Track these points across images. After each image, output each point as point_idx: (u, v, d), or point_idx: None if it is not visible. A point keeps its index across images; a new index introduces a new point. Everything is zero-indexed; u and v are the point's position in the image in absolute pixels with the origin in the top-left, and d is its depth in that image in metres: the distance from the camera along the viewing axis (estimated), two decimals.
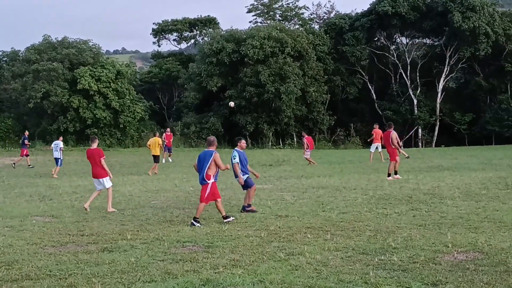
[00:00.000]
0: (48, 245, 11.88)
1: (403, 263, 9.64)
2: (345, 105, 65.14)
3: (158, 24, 74.54)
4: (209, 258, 10.35)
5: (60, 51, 57.80)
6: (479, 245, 10.80)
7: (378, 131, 35.31)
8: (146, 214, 15.88)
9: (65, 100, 55.26)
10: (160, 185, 23.28)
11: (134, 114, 58.42)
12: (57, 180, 26.58)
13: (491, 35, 58.34)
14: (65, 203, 18.60)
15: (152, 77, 72.13)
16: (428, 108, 62.64)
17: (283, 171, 29.40)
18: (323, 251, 10.69)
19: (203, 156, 14.55)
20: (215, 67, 57.04)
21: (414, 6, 60.36)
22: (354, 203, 16.74)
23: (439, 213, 14.62)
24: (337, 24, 64.22)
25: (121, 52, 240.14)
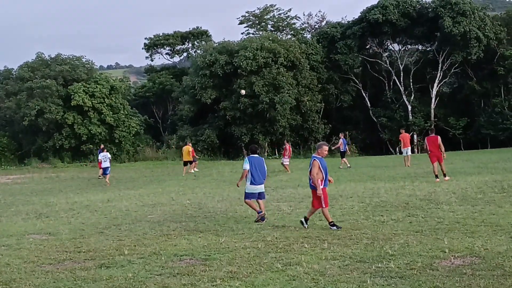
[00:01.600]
0: (45, 263, 11.84)
1: (401, 270, 9.64)
2: (340, 113, 65.25)
3: (150, 38, 74.69)
4: (206, 271, 10.34)
5: (54, 68, 57.94)
6: (476, 250, 10.81)
7: (406, 135, 36.68)
8: (143, 228, 15.84)
9: (59, 117, 55.30)
10: (157, 199, 23.24)
11: (129, 128, 58.48)
12: (53, 197, 26.52)
13: (483, 39, 58.57)
14: (61, 220, 18.55)
15: (146, 91, 72.22)
16: (423, 113, 62.76)
17: (279, 181, 29.37)
18: (320, 260, 10.69)
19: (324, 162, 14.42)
20: (209, 79, 57.11)
21: (405, 13, 60.62)
22: (351, 211, 16.74)
23: (435, 218, 14.63)
24: (329, 33, 64.45)
25: (115, 67, 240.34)
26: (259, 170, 16.41)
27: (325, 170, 14.23)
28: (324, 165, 14.26)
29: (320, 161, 14.21)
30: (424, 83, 64.14)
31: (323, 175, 14.13)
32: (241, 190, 25.08)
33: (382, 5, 60.91)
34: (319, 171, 14.09)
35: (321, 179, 14.12)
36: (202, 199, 22.28)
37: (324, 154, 14.43)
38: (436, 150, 24.33)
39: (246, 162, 16.39)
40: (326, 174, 14.23)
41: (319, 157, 14.37)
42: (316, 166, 14.11)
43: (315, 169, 14.09)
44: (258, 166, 16.45)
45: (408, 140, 36.20)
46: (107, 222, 17.47)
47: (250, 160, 16.42)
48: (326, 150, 14.50)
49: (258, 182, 16.42)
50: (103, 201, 23.32)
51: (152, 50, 75.26)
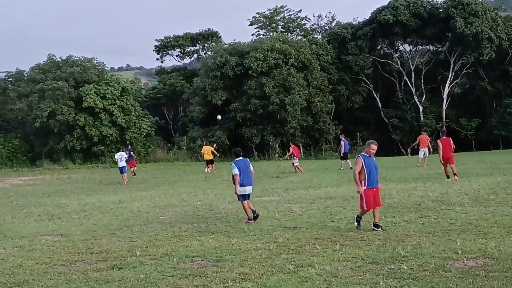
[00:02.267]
0: (58, 264, 11.88)
1: (413, 271, 9.61)
2: (351, 114, 65.10)
3: (160, 40, 74.80)
4: (218, 272, 10.34)
5: (65, 69, 58.11)
6: (489, 251, 10.76)
7: (424, 137, 37.43)
8: (154, 229, 15.87)
9: (71, 119, 55.45)
10: (168, 200, 23.28)
11: (140, 130, 58.58)
12: (65, 199, 26.60)
13: (495, 39, 58.31)
14: (73, 221, 18.61)
15: (157, 93, 72.30)
16: (434, 114, 62.52)
17: (290, 182, 29.36)
18: (332, 261, 10.67)
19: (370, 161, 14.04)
20: (219, 81, 57.10)
21: (415, 14, 60.42)
22: None
23: (448, 219, 14.58)
24: (340, 34, 64.34)
25: (126, 68, 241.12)
26: (246, 172, 16.61)
27: (369, 169, 13.77)
28: (369, 164, 13.83)
29: (364, 159, 13.83)
30: (435, 84, 63.90)
31: (365, 174, 13.74)
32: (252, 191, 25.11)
33: (393, 6, 60.74)
34: (362, 169, 13.75)
35: (363, 178, 13.76)
36: (213, 200, 22.30)
37: (371, 153, 13.98)
38: (449, 151, 24.72)
39: (234, 167, 16.50)
40: (371, 174, 13.78)
41: (366, 155, 13.97)
42: (359, 163, 13.80)
43: (357, 166, 13.81)
44: (245, 168, 16.65)
45: (426, 142, 36.68)
46: (119, 223, 17.52)
47: (237, 164, 16.58)
48: (374, 148, 14.00)
49: (247, 184, 16.68)
50: (115, 203, 23.38)
51: (162, 51, 75.34)
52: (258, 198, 22.22)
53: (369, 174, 13.72)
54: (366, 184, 13.74)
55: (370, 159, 13.91)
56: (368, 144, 14.15)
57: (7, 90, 59.09)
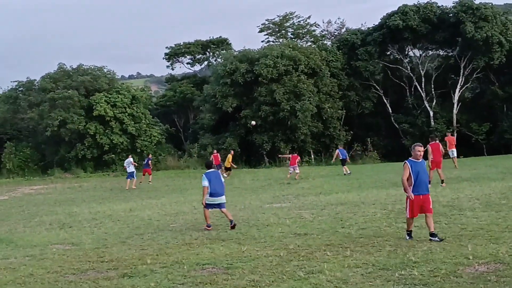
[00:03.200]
0: (69, 273, 11.92)
1: (424, 277, 9.58)
2: (361, 120, 65.01)
3: (170, 47, 75.03)
4: (229, 279, 10.34)
5: (75, 78, 58.33)
6: (500, 256, 10.71)
7: (451, 138, 38.79)
8: (165, 237, 15.89)
9: (81, 127, 55.65)
10: (179, 208, 23.30)
11: (151, 138, 58.69)
12: (76, 207, 26.68)
13: (505, 44, 58.15)
14: (84, 230, 18.66)
15: (167, 101, 72.45)
16: (445, 119, 62.33)
17: (301, 188, 29.33)
18: (343, 268, 10.65)
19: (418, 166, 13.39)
20: (230, 88, 57.19)
21: (425, 19, 60.33)
22: (373, 218, 16.66)
23: (459, 225, 14.52)
24: (349, 40, 64.30)
25: (136, 76, 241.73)
26: (216, 183, 17.12)
27: (416, 174, 13.09)
28: (416, 169, 13.15)
29: (411, 165, 13.19)
30: (445, 89, 63.73)
31: (412, 180, 13.10)
32: (263, 198, 25.11)
33: (402, 11, 60.67)
34: (409, 176, 13.14)
35: (410, 185, 13.13)
36: None
37: (418, 156, 13.30)
38: (438, 156, 25.36)
39: (204, 179, 17.08)
40: (418, 180, 13.09)
41: (413, 160, 13.32)
42: (406, 169, 13.20)
43: (405, 172, 13.19)
44: (215, 179, 17.19)
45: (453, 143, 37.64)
46: (130, 231, 17.55)
47: (208, 176, 17.15)
48: (419, 151, 13.36)
49: (217, 195, 17.12)
50: (126, 211, 23.43)
51: (173, 59, 75.58)
52: (269, 205, 22.23)
53: (415, 179, 13.09)
54: (412, 190, 13.12)
55: (418, 164, 13.25)
56: (413, 147, 13.53)
57: (18, 100, 59.34)
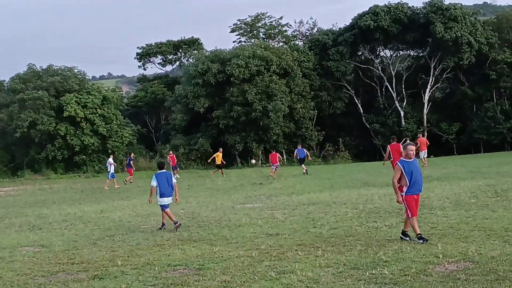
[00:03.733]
0: (38, 275, 11.78)
1: (394, 276, 9.62)
2: (333, 120, 65.32)
3: (142, 48, 74.68)
4: (200, 280, 10.30)
5: (45, 79, 57.85)
6: (470, 255, 10.80)
7: (423, 139, 39.64)
8: (136, 239, 15.79)
9: (52, 128, 55.19)
10: (150, 209, 23.15)
11: (122, 139, 58.38)
12: (46, 209, 26.42)
13: (474, 44, 58.82)
14: (55, 232, 18.47)
15: (138, 101, 72.12)
16: (415, 119, 62.92)
17: (273, 189, 29.34)
18: (314, 268, 10.66)
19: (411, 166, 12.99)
20: (201, 88, 57.11)
21: (396, 19, 60.82)
22: (345, 218, 16.71)
23: (429, 224, 14.62)
24: (321, 40, 64.56)
25: (107, 77, 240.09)
26: (166, 184, 17.57)
27: (410, 174, 12.70)
28: (409, 169, 12.75)
29: (404, 165, 12.82)
30: (416, 89, 64.34)
31: (406, 180, 12.73)
32: (235, 198, 25.10)
33: (374, 12, 61.11)
34: (402, 176, 12.78)
35: (405, 185, 12.76)
36: (195, 209, 22.24)
37: (410, 156, 12.92)
38: (398, 157, 25.32)
39: (154, 180, 17.60)
40: (413, 179, 12.71)
41: (405, 160, 12.97)
42: (397, 171, 12.85)
43: (396, 174, 12.85)
44: (165, 180, 17.63)
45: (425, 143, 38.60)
46: (100, 233, 17.42)
47: (157, 177, 17.67)
48: (412, 150, 12.97)
49: (167, 195, 17.55)
50: (96, 212, 23.25)
51: (144, 59, 75.25)
52: (241, 205, 22.20)
53: (410, 179, 12.71)
54: (407, 190, 12.75)
55: (411, 164, 12.87)
56: (405, 147, 13.25)
57: None
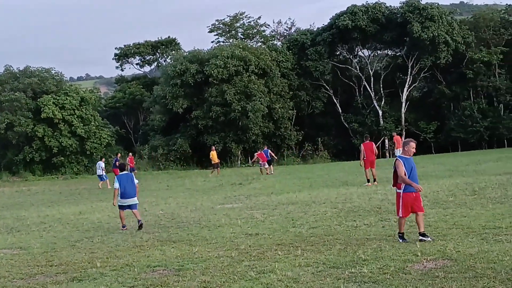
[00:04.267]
0: (17, 277, 11.69)
1: (374, 274, 9.67)
2: (312, 120, 65.44)
3: (120, 48, 74.39)
4: (180, 281, 10.28)
5: (22, 80, 57.41)
6: (448, 252, 10.87)
7: (398, 137, 41.47)
8: (115, 240, 15.73)
9: (29, 130, 54.78)
10: (129, 211, 23.06)
11: (100, 140, 58.09)
12: (24, 211, 26.24)
13: (451, 43, 59.23)
14: (33, 234, 18.34)
15: (117, 102, 71.84)
16: (394, 118, 63.27)
17: (252, 189, 29.36)
18: (294, 267, 10.68)
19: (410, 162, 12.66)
20: (180, 89, 56.98)
21: (374, 19, 61.09)
22: (324, 217, 16.76)
23: (407, 222, 14.66)
24: (299, 40, 64.68)
25: (85, 78, 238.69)
26: (127, 185, 18.01)
27: (409, 171, 12.48)
28: (409, 165, 12.53)
29: (404, 161, 12.56)
30: (394, 88, 64.73)
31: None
32: (214, 199, 25.10)
33: (351, 11, 61.34)
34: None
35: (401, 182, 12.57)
36: (175, 209, 22.18)
37: (411, 152, 12.64)
38: (371, 156, 26.47)
39: (116, 182, 18.18)
40: (411, 176, 12.46)
41: (404, 156, 12.69)
42: (400, 165, 12.50)
43: (401, 169, 12.46)
44: (127, 182, 18.08)
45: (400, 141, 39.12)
46: (79, 234, 17.33)
47: (119, 178, 18.19)
48: (413, 147, 12.72)
49: (127, 196, 18.00)
50: (75, 214, 23.11)
51: (122, 60, 75.00)
52: (220, 206, 22.19)
53: (408, 176, 12.46)
54: (403, 187, 12.56)
55: (410, 160, 12.62)
56: (407, 143, 12.90)
57: None
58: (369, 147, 26.85)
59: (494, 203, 17.01)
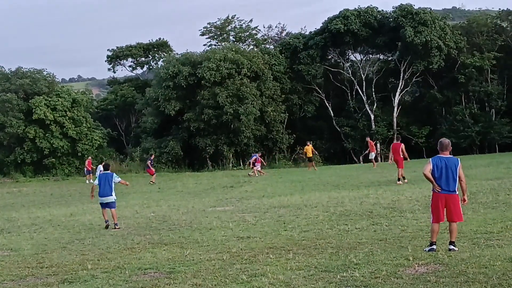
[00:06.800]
0: (7, 279, 11.65)
1: (365, 278, 9.68)
2: (304, 124, 65.41)
3: (112, 50, 74.19)
4: (171, 284, 10.27)
5: (14, 81, 57.20)
6: (440, 257, 10.90)
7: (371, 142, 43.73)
8: (106, 242, 15.70)
9: (20, 131, 54.56)
10: (120, 212, 22.98)
11: (92, 142, 57.91)
12: (15, 212, 26.15)
13: (443, 48, 59.31)
14: (24, 235, 18.29)
15: (108, 104, 71.60)
16: (386, 122, 63.31)
17: (244, 192, 29.36)
18: (285, 271, 10.68)
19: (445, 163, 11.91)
20: (172, 91, 56.89)
21: (366, 23, 61.14)
22: (316, 221, 16.78)
23: (399, 226, 14.73)
24: (292, 44, 64.65)
25: (77, 79, 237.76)
26: (105, 184, 18.93)
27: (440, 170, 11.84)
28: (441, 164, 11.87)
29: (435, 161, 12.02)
30: (386, 92, 64.78)
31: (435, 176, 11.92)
32: (206, 201, 25.10)
33: (344, 15, 61.37)
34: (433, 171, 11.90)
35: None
36: (166, 212, 22.16)
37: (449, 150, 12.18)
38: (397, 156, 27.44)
39: (97, 179, 19.55)
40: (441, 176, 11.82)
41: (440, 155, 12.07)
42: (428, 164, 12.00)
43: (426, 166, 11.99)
44: (105, 181, 19.01)
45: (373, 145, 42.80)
46: (70, 236, 17.29)
47: (99, 177, 19.55)
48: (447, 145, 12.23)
49: (103, 195, 18.88)
50: (66, 216, 23.05)
51: (114, 62, 74.77)
52: (212, 208, 22.18)
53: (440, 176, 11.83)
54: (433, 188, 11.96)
55: (443, 159, 11.96)
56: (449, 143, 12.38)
57: None
58: (396, 147, 27.86)
59: (486, 208, 17.07)
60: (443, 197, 11.79)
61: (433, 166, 11.92)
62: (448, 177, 11.77)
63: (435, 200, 11.91)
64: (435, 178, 11.83)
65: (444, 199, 11.79)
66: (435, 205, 11.88)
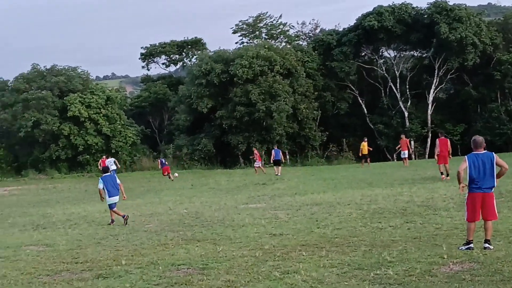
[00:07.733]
0: (43, 274, 11.79)
1: (399, 276, 9.60)
2: (337, 121, 65.17)
3: (146, 48, 74.59)
4: (204, 280, 10.29)
5: (49, 79, 57.81)
6: (475, 255, 10.78)
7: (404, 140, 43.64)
8: (140, 238, 15.80)
9: (55, 128, 55.14)
10: (154, 209, 23.19)
11: (125, 139, 58.33)
12: (50, 208, 26.44)
13: (479, 45, 58.62)
14: (59, 231, 18.49)
15: (142, 101, 72.01)
16: (420, 120, 62.79)
17: (276, 189, 29.30)
18: (318, 268, 10.65)
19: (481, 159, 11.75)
20: (205, 88, 57.01)
21: (400, 19, 60.68)
22: (349, 219, 16.69)
23: (433, 224, 14.60)
24: (325, 40, 64.42)
25: (111, 77, 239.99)
26: (112, 185, 19.70)
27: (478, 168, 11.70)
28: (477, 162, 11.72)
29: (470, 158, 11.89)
30: (420, 89, 64.19)
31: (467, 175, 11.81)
32: (238, 198, 25.11)
33: (378, 12, 60.98)
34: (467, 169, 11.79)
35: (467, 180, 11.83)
36: (199, 208, 22.22)
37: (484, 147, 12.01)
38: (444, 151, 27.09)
39: (100, 183, 19.72)
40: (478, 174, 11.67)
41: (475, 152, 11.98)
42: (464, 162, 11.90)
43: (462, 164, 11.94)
44: (111, 182, 19.80)
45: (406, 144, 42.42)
46: (104, 232, 17.44)
47: (103, 180, 19.79)
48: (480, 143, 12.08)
49: (114, 195, 19.63)
50: (100, 212, 23.24)
51: (148, 59, 75.16)
52: (244, 206, 22.18)
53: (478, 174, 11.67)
54: (469, 187, 11.80)
55: (479, 156, 11.80)
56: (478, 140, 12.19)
57: None
58: (444, 142, 27.52)
59: None
60: (480, 196, 11.69)
61: (470, 164, 11.76)
62: (486, 173, 11.64)
63: (471, 199, 11.78)
64: (473, 178, 11.67)
65: (481, 198, 11.69)
66: (472, 204, 11.76)
